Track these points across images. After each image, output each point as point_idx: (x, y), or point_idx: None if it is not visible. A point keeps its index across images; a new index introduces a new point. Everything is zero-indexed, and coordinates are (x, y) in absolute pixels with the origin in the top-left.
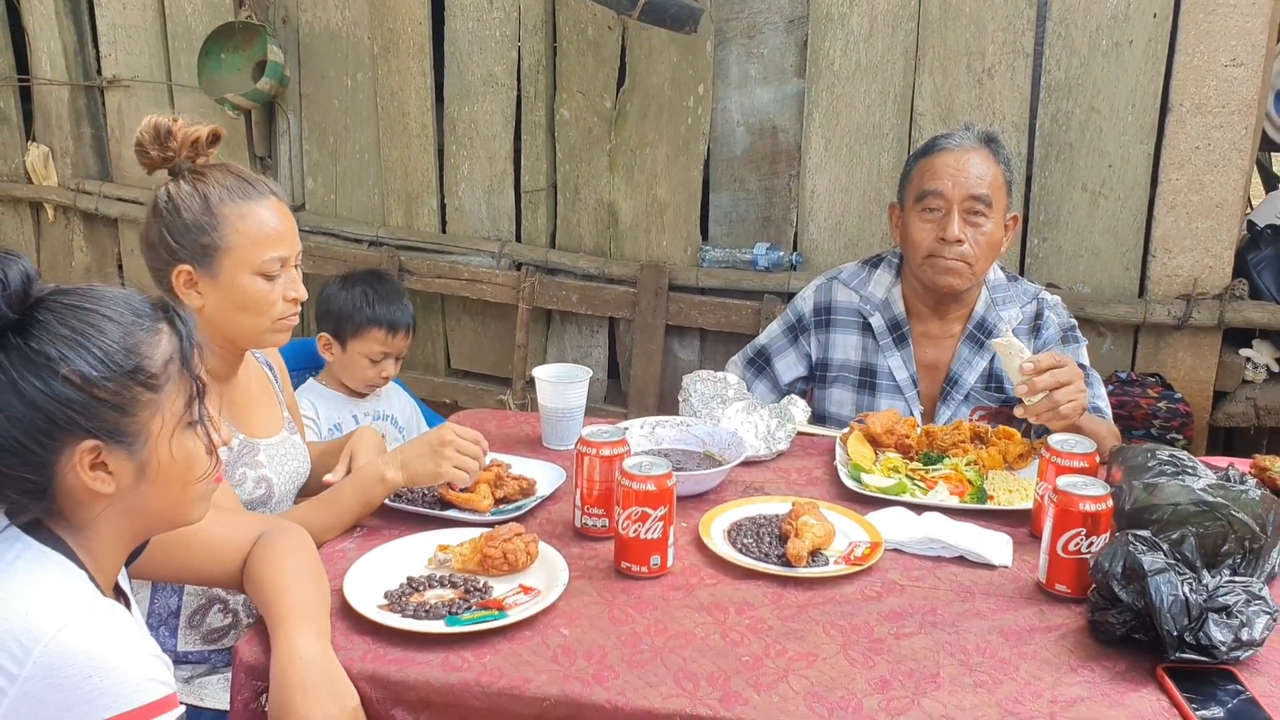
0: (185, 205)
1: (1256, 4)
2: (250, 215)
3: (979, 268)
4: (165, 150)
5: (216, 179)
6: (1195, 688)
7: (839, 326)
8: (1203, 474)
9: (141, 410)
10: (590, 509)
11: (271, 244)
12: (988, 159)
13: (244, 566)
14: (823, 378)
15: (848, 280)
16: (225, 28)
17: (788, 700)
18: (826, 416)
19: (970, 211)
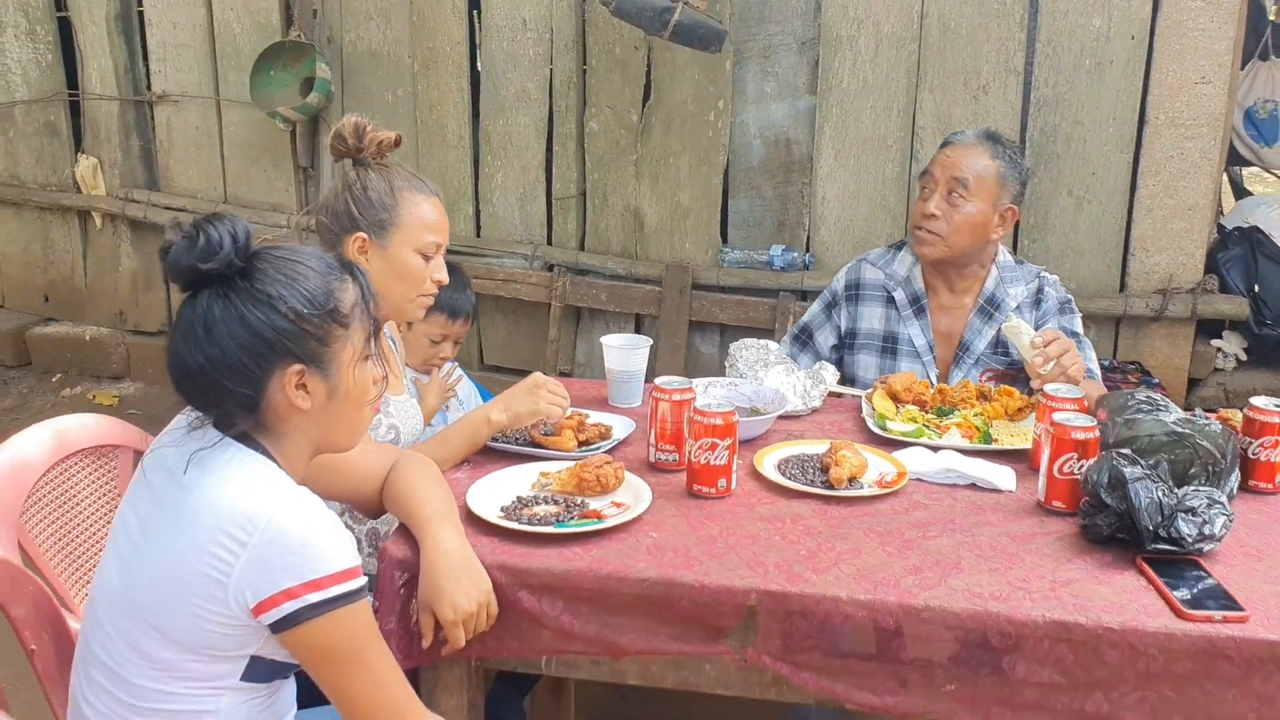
0: (373, 186)
1: (1222, 28)
2: (421, 204)
3: (952, 241)
4: (359, 143)
5: (398, 172)
6: (1168, 573)
7: (866, 300)
8: (1173, 410)
9: (335, 342)
10: (663, 445)
11: (433, 230)
12: (982, 153)
13: (384, 487)
14: (851, 345)
15: (875, 260)
16: (275, 46)
17: (840, 580)
18: (855, 379)
19: (950, 191)
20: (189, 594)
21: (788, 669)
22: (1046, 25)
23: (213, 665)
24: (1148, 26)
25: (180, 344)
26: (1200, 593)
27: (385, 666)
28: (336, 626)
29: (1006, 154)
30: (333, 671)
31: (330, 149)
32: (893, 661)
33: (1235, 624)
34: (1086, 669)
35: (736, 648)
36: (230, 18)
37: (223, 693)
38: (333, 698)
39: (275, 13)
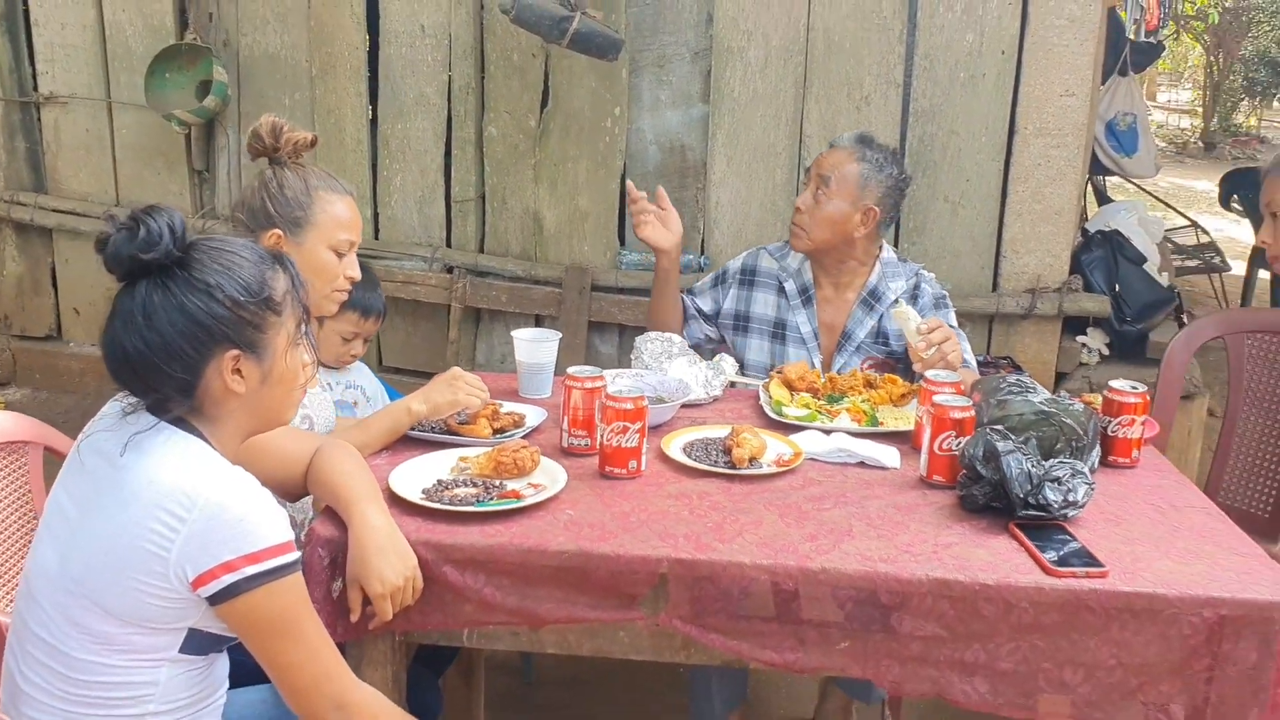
0: (289, 185)
1: (1084, 45)
2: (336, 203)
3: (814, 235)
4: (276, 143)
5: (313, 172)
6: (1037, 536)
7: (760, 286)
8: (1040, 392)
9: (270, 328)
10: (575, 431)
11: (346, 228)
12: (849, 156)
13: (308, 470)
14: (745, 329)
15: (772, 252)
16: (170, 49)
17: (744, 548)
18: (746, 363)
19: (817, 189)
20: (129, 569)
21: (696, 631)
22: (924, 40)
23: (152, 638)
24: (1016, 42)
25: (119, 331)
26: (1066, 553)
27: (319, 638)
28: (272, 598)
29: (873, 158)
30: (269, 642)
31: (248, 148)
32: (792, 622)
33: (1096, 579)
34: (965, 622)
35: (649, 613)
36: (122, 19)
37: (161, 664)
38: (269, 668)
39: (169, 15)
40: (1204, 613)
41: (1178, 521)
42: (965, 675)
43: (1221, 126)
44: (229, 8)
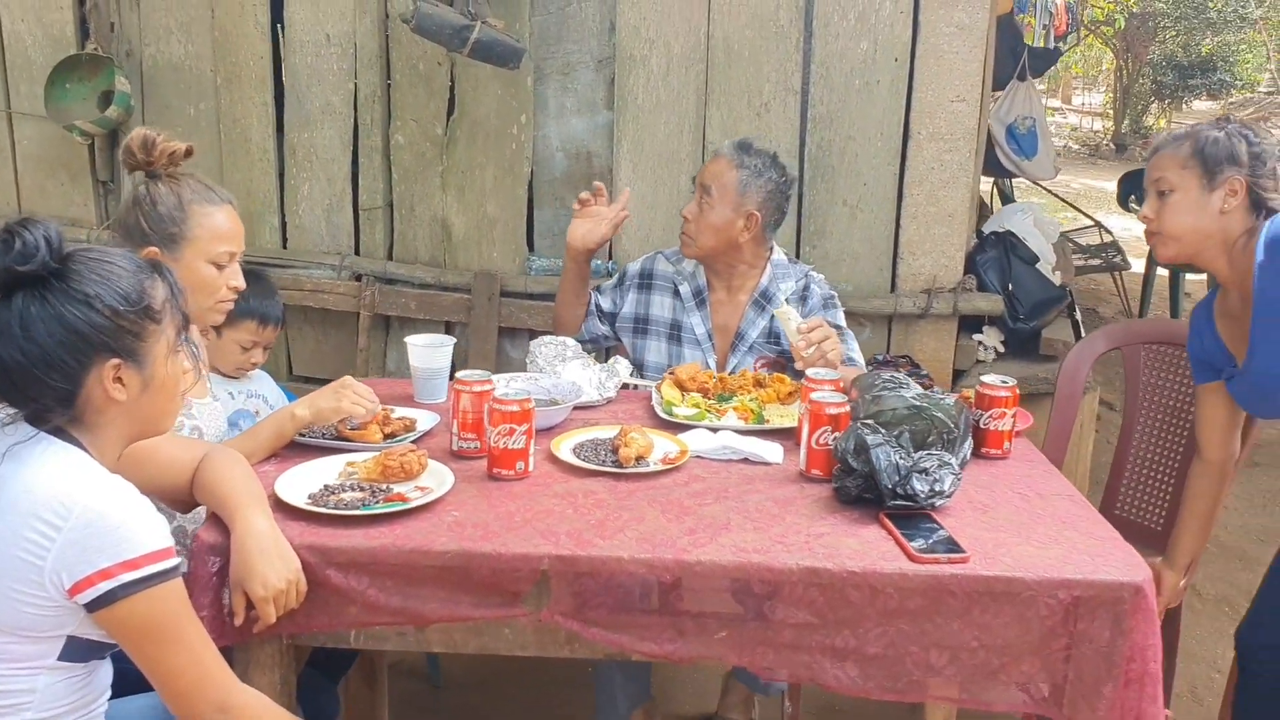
0: (162, 201)
1: (973, 51)
2: (212, 215)
3: (700, 242)
4: (149, 156)
5: (188, 184)
6: (906, 527)
7: (657, 289)
8: (913, 388)
9: (150, 337)
10: (465, 434)
11: (224, 240)
12: (729, 164)
13: (194, 478)
14: (644, 331)
15: (669, 257)
16: (71, 59)
17: (624, 544)
18: (645, 365)
19: (702, 198)
20: (5, 578)
21: (578, 626)
22: (820, 48)
23: (29, 646)
24: (909, 50)
25: None
26: (931, 540)
27: (200, 642)
28: (151, 604)
29: (751, 164)
30: (149, 648)
31: (123, 163)
32: (671, 614)
33: (958, 565)
34: (835, 609)
35: (532, 609)
36: (21, 29)
37: (39, 672)
38: (150, 674)
39: (70, 25)
40: (1059, 594)
41: (1041, 509)
42: (836, 660)
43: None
44: (131, 18)
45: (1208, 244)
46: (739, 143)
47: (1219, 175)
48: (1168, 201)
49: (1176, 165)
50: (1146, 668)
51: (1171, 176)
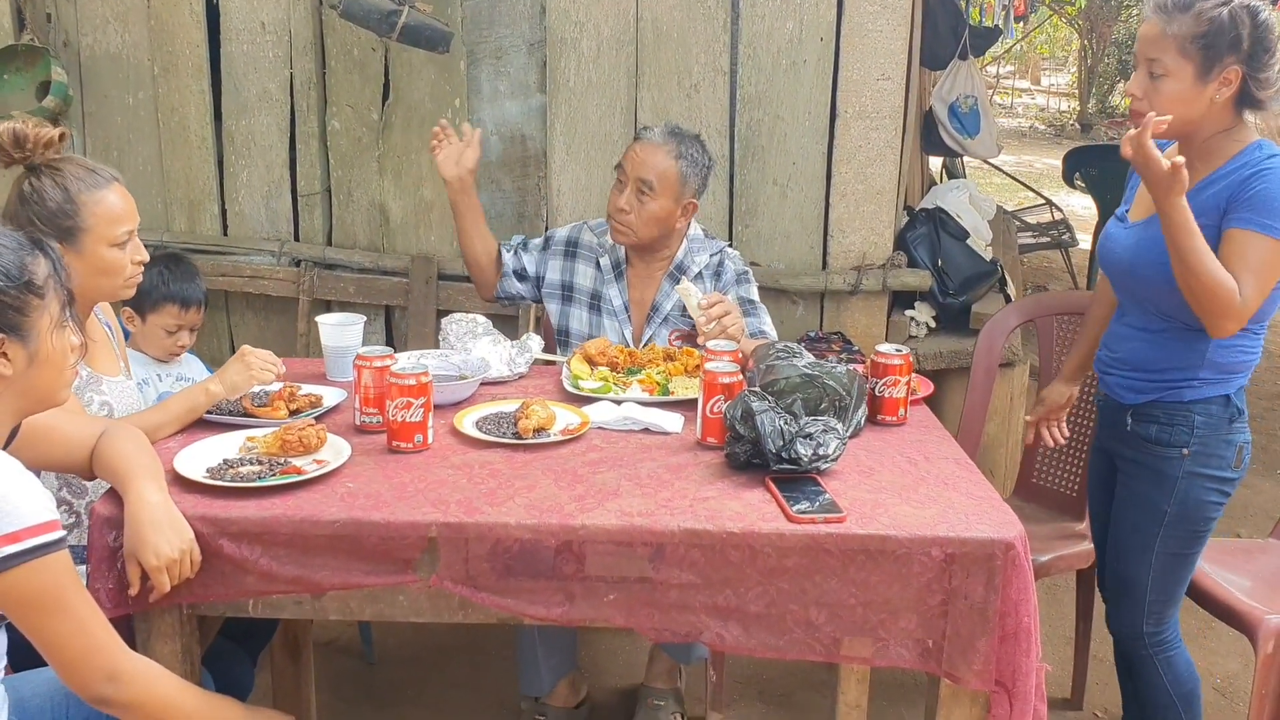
0: (49, 196)
1: (897, 30)
2: (103, 200)
3: (640, 232)
4: (23, 151)
5: (71, 172)
6: (790, 490)
7: (580, 259)
8: (805, 357)
9: (33, 312)
10: (367, 409)
11: (120, 221)
12: (666, 154)
13: (93, 453)
14: (569, 298)
15: (594, 228)
16: (7, 50)
17: (512, 510)
18: (569, 331)
19: (638, 190)
20: None
21: (468, 591)
22: (747, 28)
23: None
24: (834, 29)
25: None
26: (811, 502)
27: (87, 611)
28: (35, 576)
29: (689, 153)
30: (36, 618)
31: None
32: (559, 578)
33: (834, 524)
34: (716, 569)
35: (423, 575)
36: None
37: None
38: (38, 644)
39: (6, 16)
40: (932, 551)
41: (926, 471)
42: (720, 619)
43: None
44: (67, 8)
45: (1189, 130)
46: (672, 130)
47: (1217, 65)
48: (1159, 86)
49: (1174, 48)
50: (1020, 622)
51: (1168, 60)
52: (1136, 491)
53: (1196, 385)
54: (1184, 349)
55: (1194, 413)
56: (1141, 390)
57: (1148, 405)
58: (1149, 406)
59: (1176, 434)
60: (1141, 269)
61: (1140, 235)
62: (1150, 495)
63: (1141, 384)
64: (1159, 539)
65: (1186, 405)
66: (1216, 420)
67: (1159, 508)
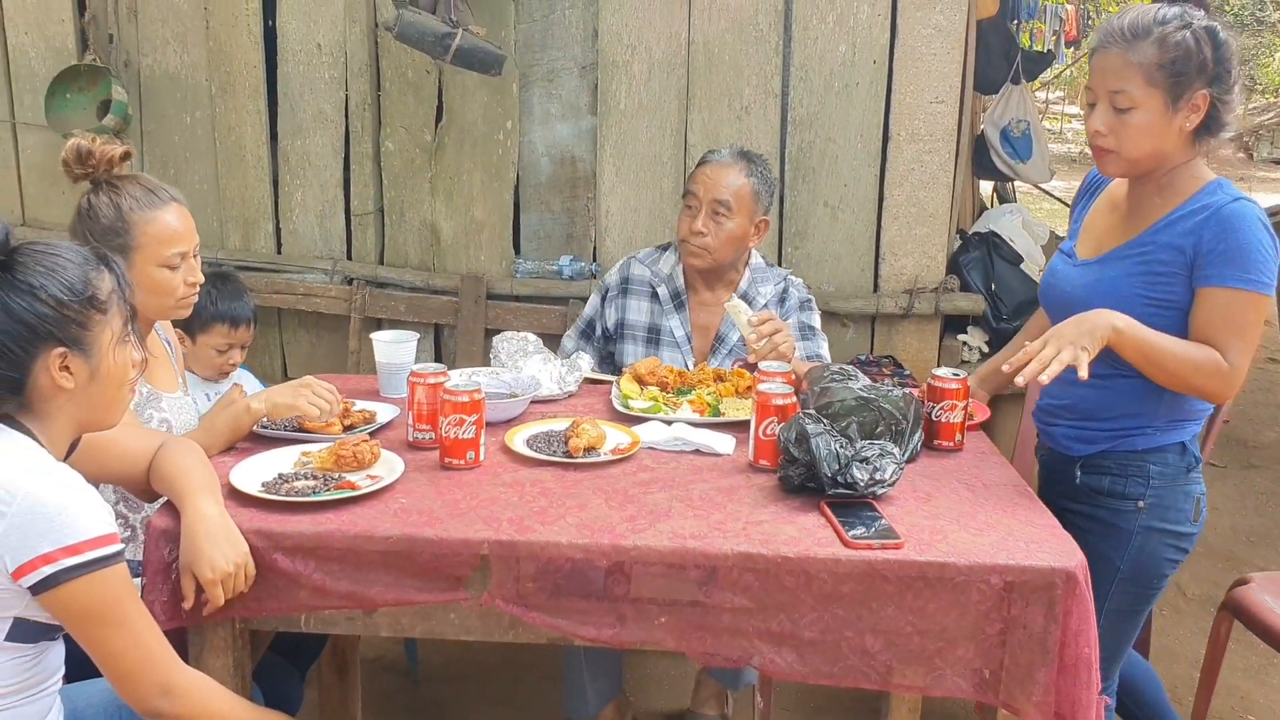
0: (102, 213)
1: (951, 53)
2: (156, 220)
3: (718, 254)
4: (86, 167)
5: (129, 190)
6: (845, 514)
7: (633, 294)
8: (861, 379)
9: (95, 326)
10: (419, 425)
11: (172, 242)
12: (738, 172)
13: (150, 467)
14: (621, 335)
15: (643, 259)
16: (70, 70)
17: (564, 530)
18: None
19: (714, 212)
20: None
21: (519, 610)
22: (799, 51)
23: None
24: (887, 52)
25: None
26: (868, 527)
27: (143, 625)
28: (93, 588)
29: (759, 171)
30: (93, 630)
31: (67, 176)
32: (610, 599)
33: (891, 550)
34: (770, 594)
35: (475, 593)
36: (25, 42)
37: None
38: (94, 656)
39: (70, 37)
40: (992, 579)
41: (985, 498)
42: (774, 645)
43: None
44: (129, 29)
45: (1155, 164)
46: (741, 151)
47: (1186, 91)
48: (1128, 121)
49: (1140, 76)
50: (1080, 653)
51: (1135, 91)
52: (1088, 547)
53: (1150, 433)
54: (1137, 395)
55: (1149, 462)
56: (1091, 440)
57: (1098, 456)
58: (1099, 457)
59: (1131, 485)
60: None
61: (1096, 275)
62: (1103, 551)
63: (1091, 433)
64: (1109, 597)
65: (1140, 454)
66: (1173, 470)
67: (1112, 564)
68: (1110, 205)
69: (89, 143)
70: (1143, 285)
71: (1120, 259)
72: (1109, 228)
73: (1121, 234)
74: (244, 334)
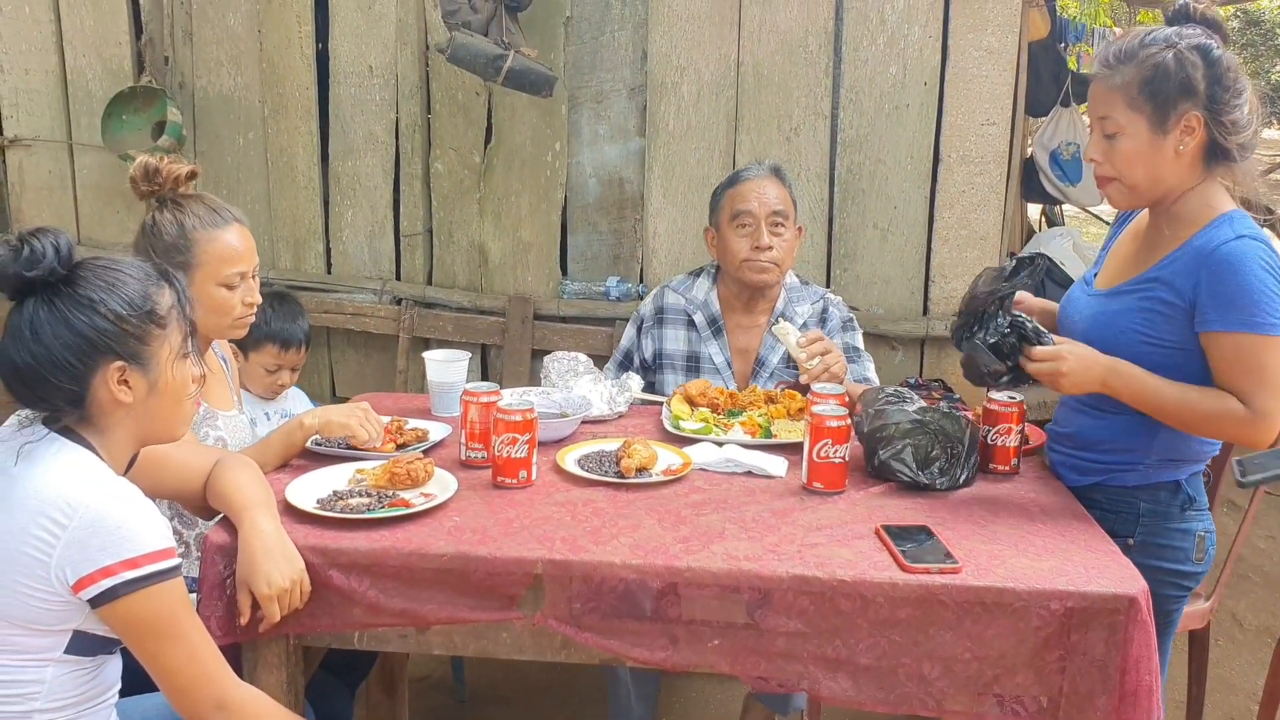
0: (165, 231)
1: (1003, 75)
2: (217, 240)
3: (785, 265)
4: (153, 184)
5: (192, 209)
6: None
7: (669, 324)
8: (916, 402)
9: (154, 341)
10: (472, 444)
11: (232, 262)
12: (778, 184)
13: (207, 483)
14: (660, 366)
15: (676, 287)
16: (127, 91)
17: (617, 550)
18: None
19: (773, 224)
20: (13, 573)
21: (571, 630)
22: (849, 73)
23: (37, 639)
24: (938, 74)
25: (9, 345)
26: (924, 551)
27: (199, 640)
28: (151, 602)
29: (788, 180)
30: (149, 644)
31: (135, 193)
32: (663, 621)
33: (949, 575)
34: (825, 618)
35: (528, 613)
36: (83, 64)
37: (47, 665)
38: (151, 669)
39: (127, 59)
40: (1052, 605)
41: (1042, 523)
42: (829, 670)
43: None
44: (184, 51)
45: (1159, 191)
46: (773, 166)
47: (1172, 114)
48: (1116, 146)
49: (1121, 102)
50: (1142, 681)
51: (1118, 116)
52: None
53: (1142, 470)
54: (1131, 430)
55: (1139, 499)
56: (1085, 471)
57: (1090, 488)
58: (1091, 490)
59: (1120, 523)
60: (1096, 344)
61: (1100, 308)
62: None
63: (1086, 464)
64: None
65: (1131, 491)
66: (1165, 508)
67: None
68: (1132, 235)
69: (157, 161)
70: (1142, 322)
71: (1126, 293)
72: (1125, 259)
73: (1134, 267)
74: (294, 356)
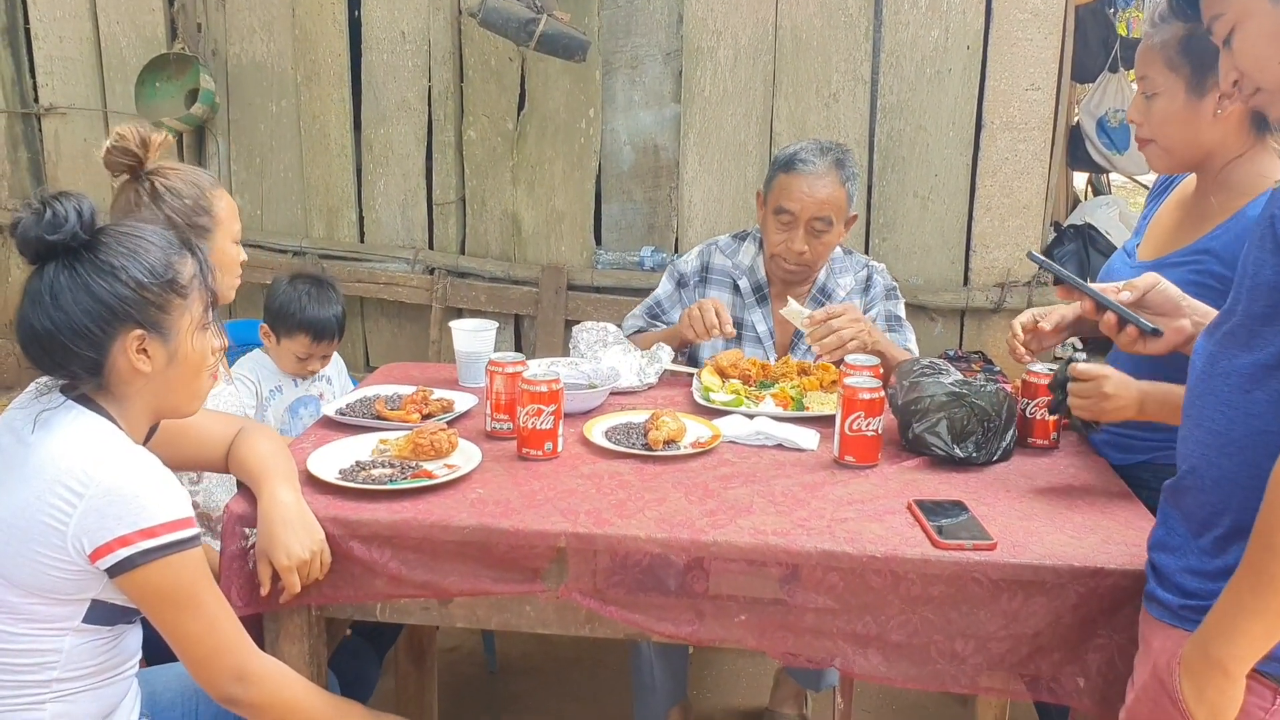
0: (184, 192)
1: (1049, 39)
2: (224, 197)
3: (819, 264)
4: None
5: (184, 170)
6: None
7: (715, 285)
8: (952, 374)
9: (175, 310)
10: (497, 415)
11: (237, 218)
12: (834, 182)
13: (229, 451)
14: None
15: (724, 248)
16: (160, 59)
17: (642, 524)
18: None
19: (814, 228)
20: (31, 541)
21: (596, 604)
22: (890, 36)
23: (54, 608)
24: (981, 37)
25: (28, 310)
26: (957, 527)
27: (218, 609)
28: (169, 571)
29: (849, 172)
30: (168, 613)
31: (107, 164)
32: (690, 595)
33: (983, 552)
34: (856, 594)
35: (551, 586)
36: (116, 31)
37: (65, 634)
38: (170, 639)
39: (160, 26)
40: (1088, 583)
41: (1080, 499)
42: (859, 647)
43: None
44: (217, 18)
45: (1197, 155)
46: (827, 153)
47: (1211, 74)
48: (1154, 106)
49: (1161, 62)
50: None
51: (1156, 76)
52: None
53: None
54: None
55: None
56: (1129, 449)
57: (1136, 467)
58: (1137, 469)
59: None
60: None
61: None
62: None
63: (1131, 442)
64: None
65: None
66: None
67: None
68: (1177, 203)
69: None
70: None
71: (1174, 266)
72: (1170, 228)
73: (1179, 237)
74: (325, 347)
